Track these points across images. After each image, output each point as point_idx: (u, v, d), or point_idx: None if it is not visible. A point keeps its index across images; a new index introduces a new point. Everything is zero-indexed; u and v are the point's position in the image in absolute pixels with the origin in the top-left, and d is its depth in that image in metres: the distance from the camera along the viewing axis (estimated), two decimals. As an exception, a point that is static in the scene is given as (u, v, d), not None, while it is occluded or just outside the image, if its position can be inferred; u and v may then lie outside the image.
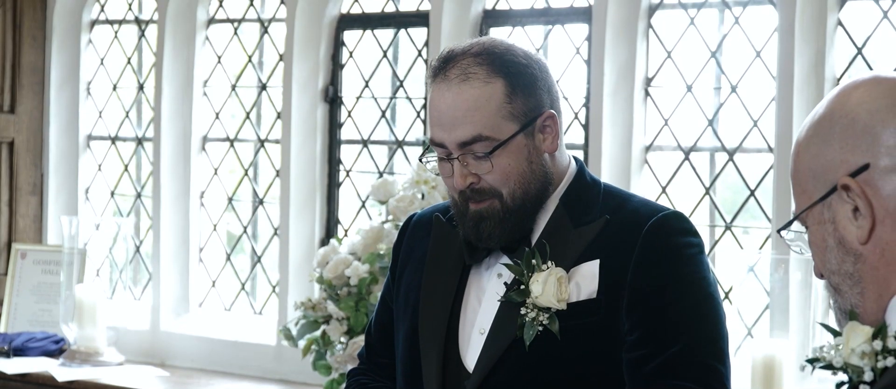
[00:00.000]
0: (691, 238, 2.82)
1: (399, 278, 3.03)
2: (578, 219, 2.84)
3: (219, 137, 5.91)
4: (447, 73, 2.81)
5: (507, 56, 2.82)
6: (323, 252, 4.65)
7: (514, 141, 2.79)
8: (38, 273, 5.97)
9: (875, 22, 4.40)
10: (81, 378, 5.34)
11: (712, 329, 2.78)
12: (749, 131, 4.66)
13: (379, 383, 3.06)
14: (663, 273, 2.77)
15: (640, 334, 2.76)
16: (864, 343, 1.96)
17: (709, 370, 2.75)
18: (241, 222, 5.86)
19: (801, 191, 2.09)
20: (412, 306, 2.94)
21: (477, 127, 2.77)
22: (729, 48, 4.74)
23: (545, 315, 2.78)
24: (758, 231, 4.68)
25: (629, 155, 4.82)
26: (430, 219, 3.01)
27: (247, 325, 5.73)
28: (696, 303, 2.78)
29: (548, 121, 2.83)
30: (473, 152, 2.79)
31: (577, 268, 2.80)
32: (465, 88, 2.78)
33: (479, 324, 2.86)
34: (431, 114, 2.84)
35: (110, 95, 6.25)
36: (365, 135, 5.54)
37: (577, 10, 5.02)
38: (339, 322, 4.52)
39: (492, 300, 2.85)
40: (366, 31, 5.53)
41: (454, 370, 2.86)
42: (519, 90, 2.79)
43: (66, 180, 6.27)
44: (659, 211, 2.83)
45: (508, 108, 2.79)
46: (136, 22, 6.17)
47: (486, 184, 2.80)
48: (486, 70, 2.79)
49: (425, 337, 2.89)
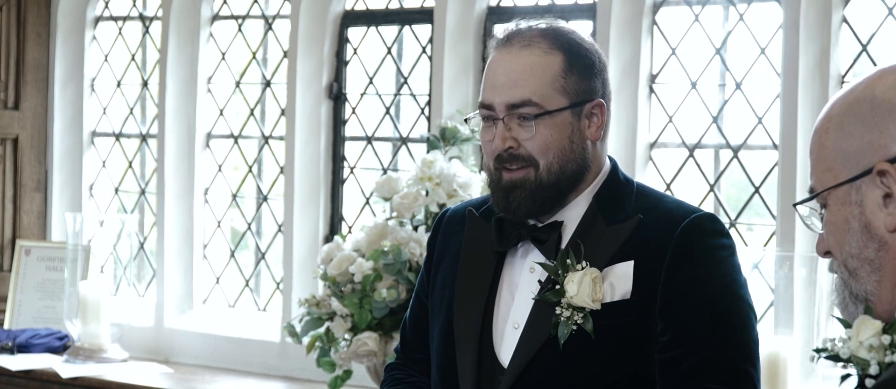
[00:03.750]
0: (724, 239, 2.85)
1: (434, 273, 3.04)
2: (611, 217, 2.86)
3: (223, 134, 5.91)
4: (510, 43, 2.88)
5: (571, 36, 2.89)
6: (327, 248, 4.65)
7: (561, 115, 2.83)
8: (42, 269, 5.98)
9: (880, 19, 4.39)
10: (85, 375, 5.34)
11: (743, 332, 2.82)
12: (753, 128, 4.65)
13: (415, 378, 3.07)
14: (696, 275, 2.79)
15: (672, 335, 2.78)
16: (873, 337, 1.94)
17: (739, 373, 2.78)
18: (245, 219, 5.86)
19: (826, 169, 2.05)
20: (447, 301, 2.96)
21: (528, 91, 2.82)
22: (733, 45, 4.73)
23: (579, 314, 2.80)
24: (762, 228, 4.68)
25: (634, 151, 4.81)
26: (463, 214, 3.02)
27: (251, 322, 5.73)
28: (728, 306, 2.81)
29: (596, 108, 2.87)
30: (520, 115, 2.82)
31: (612, 268, 2.82)
32: (525, 54, 2.84)
33: (513, 319, 2.88)
34: (487, 76, 2.88)
35: (114, 92, 6.25)
36: (369, 131, 5.53)
37: (581, 6, 5.02)
38: (343, 318, 4.51)
39: (524, 294, 2.87)
40: (370, 28, 5.53)
41: (488, 365, 2.88)
42: (575, 69, 2.85)
43: (71, 177, 6.27)
44: (692, 213, 2.85)
45: (562, 82, 2.83)
46: (141, 18, 6.17)
47: (525, 152, 2.83)
48: (549, 42, 2.86)
49: (460, 333, 2.91)
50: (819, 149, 2.06)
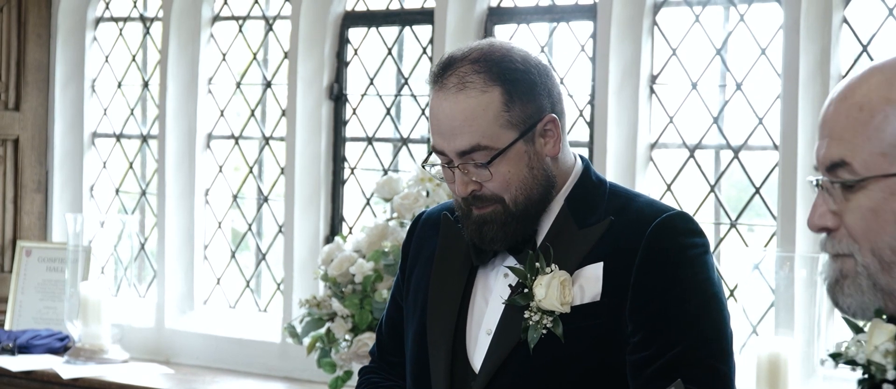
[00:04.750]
0: (696, 238, 2.80)
1: (408, 277, 3.02)
2: (583, 220, 2.83)
3: (223, 135, 5.91)
4: (444, 81, 2.79)
5: (504, 63, 2.79)
6: (327, 249, 4.65)
7: (514, 148, 2.77)
8: (42, 270, 5.98)
9: (880, 19, 4.39)
10: (86, 376, 5.34)
11: (716, 330, 2.77)
12: (754, 129, 4.65)
13: (390, 381, 3.05)
14: (667, 274, 2.76)
15: (643, 335, 2.75)
16: (888, 342, 1.91)
17: (712, 371, 2.74)
18: (246, 219, 5.86)
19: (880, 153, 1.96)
20: (421, 305, 2.94)
21: (475, 136, 2.76)
22: (734, 45, 4.73)
23: (549, 318, 2.77)
24: (763, 228, 4.67)
25: (634, 152, 4.81)
26: (438, 218, 3.00)
27: (251, 323, 5.73)
28: (699, 304, 2.77)
29: (549, 125, 2.81)
30: (473, 160, 2.77)
31: (581, 271, 2.79)
32: (462, 98, 2.77)
33: (486, 325, 2.86)
34: (431, 121, 2.83)
35: (115, 93, 6.25)
36: (370, 132, 5.53)
37: (581, 7, 5.02)
38: (344, 319, 4.51)
39: (498, 300, 2.85)
40: (371, 29, 5.53)
41: (461, 370, 2.86)
42: (517, 97, 2.77)
43: (71, 177, 6.27)
44: (663, 212, 2.81)
45: (506, 116, 2.76)
46: (141, 19, 6.17)
47: (488, 191, 2.79)
48: (484, 78, 2.77)
49: (433, 337, 2.89)
50: (874, 131, 1.96)
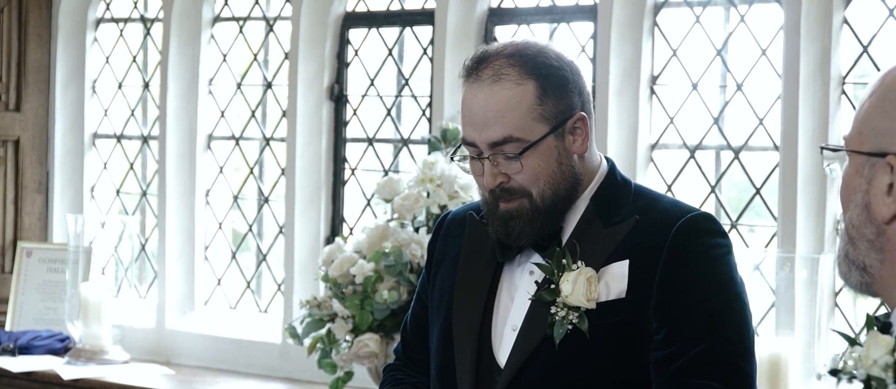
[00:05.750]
0: (720, 239, 2.85)
1: (434, 275, 3.06)
2: (609, 219, 2.87)
3: (224, 135, 5.91)
4: (480, 74, 2.85)
5: (539, 58, 2.85)
6: (328, 250, 4.65)
7: (544, 142, 2.83)
8: (43, 271, 5.98)
9: (881, 20, 4.39)
10: (87, 377, 5.34)
11: (738, 330, 2.82)
12: (754, 129, 4.65)
13: (414, 378, 3.09)
14: (691, 273, 2.80)
15: (666, 333, 2.79)
16: (885, 355, 1.91)
17: (734, 369, 2.79)
18: (247, 220, 5.86)
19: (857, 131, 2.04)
20: (446, 303, 2.98)
21: (508, 128, 2.81)
22: (734, 46, 4.73)
23: (575, 314, 2.82)
24: (763, 229, 4.68)
25: (635, 153, 4.81)
26: (464, 218, 3.05)
27: (252, 323, 5.73)
28: (723, 303, 2.81)
29: (578, 123, 2.87)
30: (504, 152, 2.82)
31: (607, 268, 2.83)
32: (497, 89, 2.82)
33: (512, 321, 2.90)
34: (463, 113, 2.87)
35: (116, 94, 6.25)
36: (370, 133, 5.53)
37: (582, 8, 5.02)
38: (345, 320, 4.52)
39: (523, 297, 2.89)
40: (371, 30, 5.53)
41: (487, 366, 2.90)
42: (550, 92, 2.83)
43: (72, 178, 6.27)
44: (688, 212, 2.86)
45: (539, 110, 2.82)
46: (142, 20, 6.17)
47: (516, 184, 2.84)
48: (519, 71, 2.83)
49: (459, 334, 2.93)
50: (861, 109, 2.05)
